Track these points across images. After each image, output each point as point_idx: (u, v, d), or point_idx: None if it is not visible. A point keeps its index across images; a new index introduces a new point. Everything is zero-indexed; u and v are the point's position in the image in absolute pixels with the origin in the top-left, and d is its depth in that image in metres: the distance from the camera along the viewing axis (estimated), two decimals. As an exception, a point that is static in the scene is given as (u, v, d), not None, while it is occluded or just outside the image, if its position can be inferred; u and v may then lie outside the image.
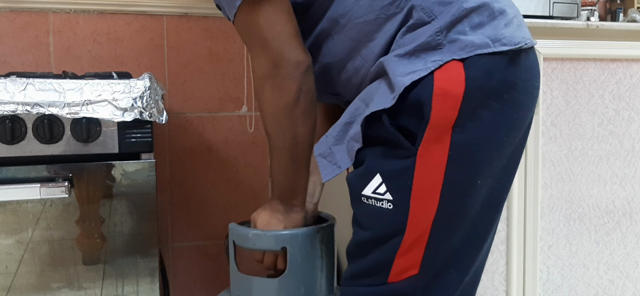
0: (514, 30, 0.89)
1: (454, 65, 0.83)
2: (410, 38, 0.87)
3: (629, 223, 1.70)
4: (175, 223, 1.89)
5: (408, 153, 0.85)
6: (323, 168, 0.95)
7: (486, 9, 0.88)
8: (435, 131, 0.83)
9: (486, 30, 0.86)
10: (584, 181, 1.65)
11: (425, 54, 0.84)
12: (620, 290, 1.71)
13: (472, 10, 0.86)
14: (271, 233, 1.08)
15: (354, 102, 0.94)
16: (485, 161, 0.87)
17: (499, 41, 0.85)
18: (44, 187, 1.17)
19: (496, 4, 0.90)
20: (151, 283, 1.28)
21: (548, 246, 1.64)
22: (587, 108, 1.63)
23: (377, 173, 0.88)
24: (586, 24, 1.58)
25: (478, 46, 0.84)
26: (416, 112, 0.84)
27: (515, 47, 0.87)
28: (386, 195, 0.87)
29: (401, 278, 0.89)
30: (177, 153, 1.87)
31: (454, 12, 0.85)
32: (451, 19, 0.85)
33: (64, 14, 1.74)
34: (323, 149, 0.96)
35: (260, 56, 0.93)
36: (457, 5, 0.85)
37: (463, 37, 0.84)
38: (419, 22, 0.86)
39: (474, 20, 0.86)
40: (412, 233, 0.87)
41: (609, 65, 1.64)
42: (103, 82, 1.18)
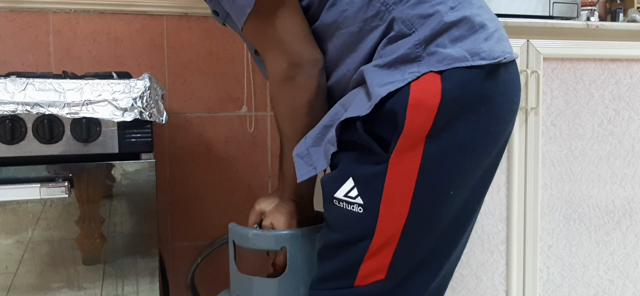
0: (494, 44, 0.90)
1: (431, 77, 0.84)
2: (391, 49, 0.88)
3: (628, 223, 1.70)
4: (175, 223, 1.89)
5: (380, 160, 0.87)
6: (299, 169, 0.96)
7: (466, 23, 0.89)
8: (408, 140, 0.85)
9: (465, 43, 0.87)
10: (584, 181, 1.65)
11: (403, 66, 0.86)
12: (620, 289, 1.71)
13: (452, 24, 0.87)
14: (271, 233, 1.09)
15: (334, 107, 0.96)
16: (459, 172, 0.89)
17: (477, 55, 0.86)
18: (44, 187, 1.17)
19: (477, 18, 0.90)
20: (151, 283, 1.28)
21: (548, 246, 1.64)
22: (587, 108, 1.63)
23: (350, 178, 0.89)
24: (586, 24, 1.59)
25: (456, 59, 0.85)
26: (390, 121, 0.85)
27: (494, 61, 0.88)
28: (357, 199, 0.89)
29: (367, 281, 0.90)
30: (177, 153, 1.87)
31: (434, 26, 0.87)
32: (431, 32, 0.86)
33: (64, 14, 1.74)
34: (301, 150, 0.97)
35: (278, 57, 0.93)
36: (438, 18, 0.87)
37: (442, 50, 0.85)
38: (399, 34, 0.88)
39: (454, 34, 0.87)
40: (380, 237, 0.88)
41: (609, 65, 1.64)
42: (103, 82, 1.18)
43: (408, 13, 0.88)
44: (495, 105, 0.90)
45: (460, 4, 0.90)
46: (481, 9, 0.94)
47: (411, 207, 0.86)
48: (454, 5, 0.89)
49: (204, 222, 1.91)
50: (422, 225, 0.89)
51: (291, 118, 0.97)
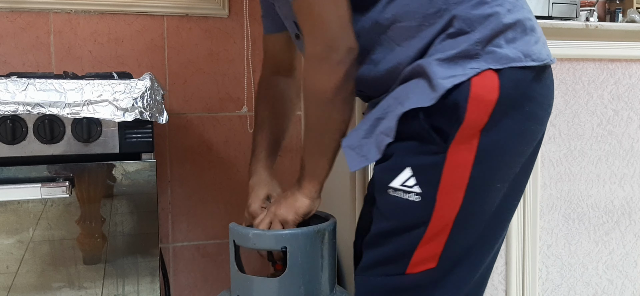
0: (541, 47, 0.96)
1: (490, 74, 0.89)
2: (450, 45, 0.92)
3: (627, 222, 1.70)
4: (176, 222, 1.89)
5: (439, 150, 0.90)
6: (351, 159, 0.99)
7: (520, 25, 0.94)
8: (466, 132, 0.89)
9: (518, 45, 0.93)
10: (583, 181, 1.65)
11: (464, 61, 0.90)
12: (619, 289, 1.72)
13: (508, 26, 0.92)
14: (271, 232, 1.09)
15: (386, 99, 0.99)
16: (505, 166, 0.94)
17: (529, 57, 0.92)
18: (44, 187, 1.18)
19: (528, 22, 0.96)
20: (152, 283, 1.29)
21: (547, 246, 1.64)
22: (586, 108, 1.63)
23: (408, 167, 0.93)
24: (585, 24, 1.59)
25: (512, 59, 0.91)
26: (451, 113, 0.89)
27: (541, 64, 0.94)
28: (414, 188, 0.92)
29: (419, 269, 0.94)
30: (177, 153, 1.88)
31: (493, 27, 0.92)
32: (490, 33, 0.91)
33: (65, 15, 1.75)
34: (352, 141, 1.00)
35: (317, 37, 0.95)
36: (496, 19, 0.92)
37: (498, 49, 0.91)
38: (459, 31, 0.92)
39: (509, 36, 0.92)
40: (435, 225, 0.92)
41: (608, 66, 1.64)
42: (104, 82, 1.19)
43: (469, 12, 0.92)
44: (536, 105, 0.95)
45: (515, 7, 0.95)
46: (531, 13, 0.99)
47: (465, 197, 0.90)
48: (510, 8, 0.94)
49: (204, 222, 1.92)
50: (472, 216, 0.93)
51: (315, 99, 0.99)
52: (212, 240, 1.93)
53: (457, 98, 0.89)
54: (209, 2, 1.83)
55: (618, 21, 2.13)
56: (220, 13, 1.85)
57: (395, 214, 0.95)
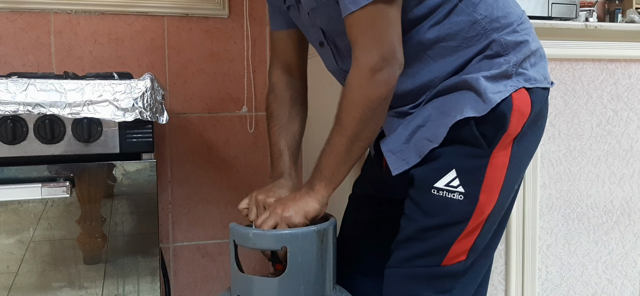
0: (548, 72, 1.12)
1: (524, 91, 1.04)
2: (489, 64, 1.05)
3: (627, 222, 1.71)
4: (176, 222, 1.90)
5: (484, 154, 1.03)
6: (392, 163, 1.09)
7: (538, 52, 1.10)
8: (506, 139, 1.02)
9: (538, 68, 1.08)
10: (583, 181, 1.65)
11: (504, 80, 1.04)
12: (619, 289, 1.72)
13: (533, 53, 1.08)
14: (271, 232, 1.09)
15: (425, 109, 1.09)
16: (523, 171, 1.11)
17: (546, 79, 1.09)
18: (45, 187, 1.18)
19: (541, 50, 1.12)
20: (152, 283, 1.29)
21: (547, 246, 1.64)
22: (586, 109, 1.63)
23: (453, 169, 1.04)
24: (585, 24, 1.59)
25: (538, 80, 1.06)
26: (498, 122, 1.02)
27: (551, 86, 1.11)
28: (459, 188, 1.03)
29: (453, 261, 1.05)
30: (177, 153, 1.88)
31: (525, 51, 1.06)
32: (522, 57, 1.05)
33: (65, 15, 1.75)
34: (393, 146, 1.10)
35: (373, 48, 1.00)
36: (526, 46, 1.07)
37: (526, 71, 1.05)
38: (496, 53, 1.05)
39: (532, 60, 1.07)
40: (474, 221, 1.03)
41: (608, 66, 1.64)
42: (104, 83, 1.19)
43: (505, 38, 1.05)
44: (544, 120, 1.12)
45: (534, 37, 1.11)
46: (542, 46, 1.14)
47: (499, 196, 1.03)
48: (533, 38, 1.10)
49: (204, 222, 1.92)
50: (498, 214, 1.06)
51: (361, 110, 1.03)
52: (212, 240, 1.93)
53: (504, 110, 1.02)
54: (209, 2, 1.83)
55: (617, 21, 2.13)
56: (221, 13, 1.85)
57: (438, 212, 1.05)
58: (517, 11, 1.10)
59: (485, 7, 1.05)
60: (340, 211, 1.30)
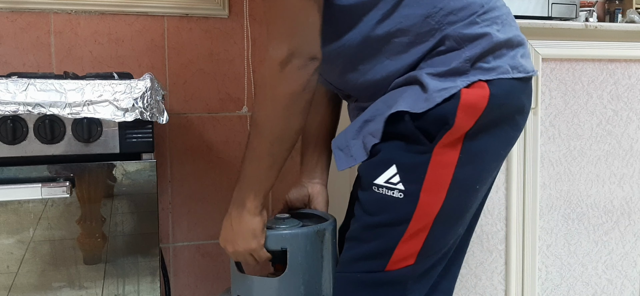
0: (526, 61, 1.02)
1: (480, 84, 0.95)
2: (440, 61, 0.96)
3: (627, 222, 1.71)
4: (176, 222, 1.90)
5: (425, 150, 0.94)
6: (338, 159, 1.03)
7: (508, 43, 0.99)
8: (452, 136, 0.94)
9: (506, 59, 0.98)
10: (583, 181, 1.65)
11: (454, 77, 0.95)
12: (619, 289, 1.72)
13: (498, 45, 0.97)
14: (271, 233, 1.09)
15: (375, 104, 1.02)
16: (486, 170, 1.00)
17: (516, 69, 0.98)
18: (45, 187, 1.18)
19: (516, 38, 1.01)
20: (152, 283, 1.29)
21: (547, 246, 1.64)
22: (586, 109, 1.63)
23: (393, 165, 0.96)
24: (585, 24, 1.59)
25: (501, 71, 0.96)
26: (440, 118, 0.94)
27: (527, 75, 1.00)
28: (398, 185, 0.95)
29: (399, 266, 0.96)
30: (177, 153, 1.88)
31: (484, 45, 0.96)
32: (481, 51, 0.96)
33: (65, 15, 1.75)
34: (341, 142, 1.04)
35: (281, 40, 0.94)
36: (488, 39, 0.96)
37: (486, 65, 0.96)
38: (449, 49, 0.96)
39: (498, 52, 0.97)
40: (416, 223, 0.95)
41: (608, 66, 1.64)
42: (104, 83, 1.19)
43: (460, 32, 0.96)
44: (523, 115, 1.02)
45: (505, 26, 1.00)
46: (518, 30, 1.04)
47: (446, 196, 0.94)
48: (499, 28, 0.98)
49: (204, 222, 1.92)
50: (452, 215, 0.97)
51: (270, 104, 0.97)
52: (212, 240, 1.93)
53: (447, 107, 0.93)
54: (209, 2, 1.83)
55: (617, 21, 2.13)
56: (221, 13, 1.85)
57: (378, 210, 0.98)
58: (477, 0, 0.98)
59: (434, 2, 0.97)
60: (341, 211, 1.30)
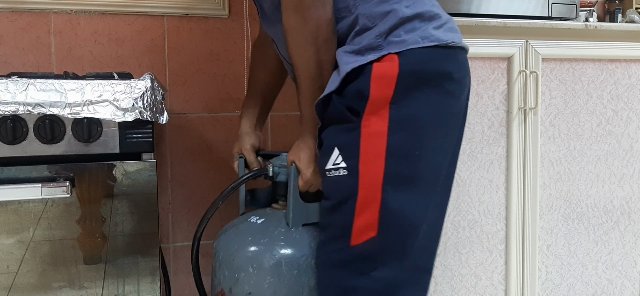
0: (443, 32, 1.08)
1: (390, 57, 1.03)
2: (358, 40, 1.06)
3: (627, 222, 1.71)
4: (176, 222, 1.90)
5: (354, 126, 1.03)
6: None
7: (418, 17, 1.07)
8: (375, 105, 1.01)
9: (417, 32, 1.05)
10: (583, 181, 1.65)
11: (367, 53, 1.04)
12: (619, 289, 1.72)
13: (407, 19, 1.05)
14: None
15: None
16: (424, 136, 1.04)
17: (427, 38, 1.05)
18: (45, 187, 1.18)
19: (429, 14, 1.08)
20: (152, 283, 1.29)
21: (547, 246, 1.64)
22: (586, 109, 1.63)
23: (335, 147, 1.05)
24: (585, 24, 1.59)
25: (410, 43, 1.04)
26: (359, 93, 1.03)
27: (443, 43, 1.05)
28: (342, 164, 1.04)
29: (362, 239, 1.02)
30: (177, 153, 1.88)
31: (392, 21, 1.04)
32: (389, 26, 1.04)
33: (65, 15, 1.75)
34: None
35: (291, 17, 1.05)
36: (395, 15, 1.05)
37: (397, 39, 1.04)
38: (364, 27, 1.06)
39: (408, 27, 1.05)
40: (363, 193, 1.01)
41: (608, 66, 1.64)
42: (104, 83, 1.19)
43: (371, 10, 1.05)
44: (451, 81, 1.07)
45: (415, 3, 1.07)
46: (434, 6, 1.11)
47: (386, 164, 1.01)
48: (409, 4, 1.06)
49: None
50: (399, 182, 1.02)
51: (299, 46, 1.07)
52: (212, 240, 1.93)
53: (361, 79, 1.02)
54: (209, 2, 1.83)
55: (617, 21, 2.13)
56: (221, 13, 1.85)
57: (332, 192, 1.07)
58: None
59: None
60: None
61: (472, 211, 1.58)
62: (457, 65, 1.08)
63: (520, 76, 1.56)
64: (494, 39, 1.54)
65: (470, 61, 1.55)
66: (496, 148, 1.57)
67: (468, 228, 1.58)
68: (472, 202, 1.58)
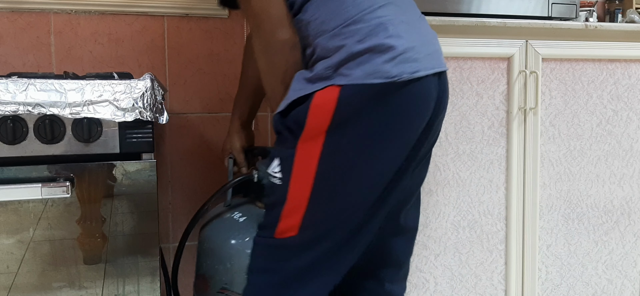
0: (395, 65, 1.11)
1: (332, 88, 1.10)
2: (315, 68, 1.14)
3: (627, 222, 1.71)
4: (176, 222, 1.90)
5: (292, 145, 1.14)
6: None
7: (370, 50, 1.11)
8: (311, 133, 1.11)
9: (366, 67, 1.10)
10: (583, 181, 1.65)
11: (317, 81, 1.12)
12: (619, 289, 1.72)
13: (358, 54, 1.10)
14: None
15: None
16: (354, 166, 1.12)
17: (373, 74, 1.09)
18: (45, 187, 1.18)
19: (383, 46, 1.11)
20: (152, 283, 1.29)
21: (547, 246, 1.64)
22: (586, 109, 1.63)
23: (276, 158, 1.18)
24: (585, 24, 1.59)
25: (355, 78, 1.09)
26: (298, 117, 1.13)
27: (388, 80, 1.09)
28: (278, 173, 1.17)
29: (284, 236, 1.17)
30: (177, 153, 1.88)
31: (342, 55, 1.11)
32: (339, 60, 1.10)
33: (65, 15, 1.75)
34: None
35: (256, 34, 1.17)
36: (345, 50, 1.11)
37: (347, 71, 1.10)
38: (319, 57, 1.14)
39: (358, 61, 1.10)
40: (290, 203, 1.15)
41: (608, 66, 1.64)
42: (104, 83, 1.19)
43: (326, 43, 1.13)
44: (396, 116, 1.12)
45: (368, 37, 1.11)
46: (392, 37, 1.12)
47: (314, 183, 1.12)
48: (361, 39, 1.11)
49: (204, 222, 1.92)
50: (325, 198, 1.14)
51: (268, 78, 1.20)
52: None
53: (302, 108, 1.12)
54: (209, 2, 1.83)
55: (617, 21, 2.13)
56: (221, 13, 1.86)
57: (269, 192, 1.21)
58: (345, 14, 1.14)
59: (312, 11, 1.16)
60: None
61: (472, 211, 1.58)
62: (402, 98, 1.12)
63: (520, 76, 1.56)
64: (494, 39, 1.54)
65: (471, 61, 1.55)
66: (496, 148, 1.57)
67: (468, 228, 1.58)
68: (472, 202, 1.58)
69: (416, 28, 1.19)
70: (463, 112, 1.55)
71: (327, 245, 1.17)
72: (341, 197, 1.14)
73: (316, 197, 1.13)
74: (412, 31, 1.16)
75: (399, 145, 1.15)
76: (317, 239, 1.16)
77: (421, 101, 1.15)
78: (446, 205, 1.56)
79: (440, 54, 1.21)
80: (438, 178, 1.55)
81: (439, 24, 1.49)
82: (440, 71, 1.18)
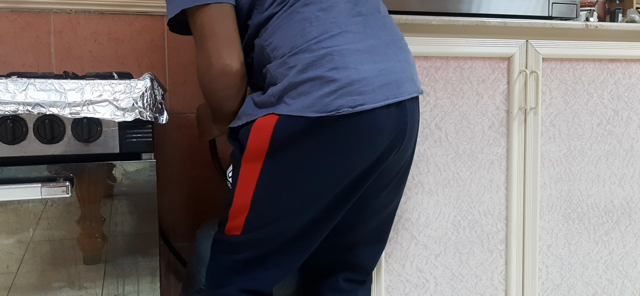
0: (335, 99, 1.13)
1: (271, 117, 1.15)
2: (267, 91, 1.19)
3: (627, 222, 1.71)
4: (176, 222, 1.90)
5: (239, 159, 1.22)
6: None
7: (310, 81, 1.14)
8: (252, 153, 1.18)
9: (304, 99, 1.13)
10: (583, 181, 1.65)
11: (263, 106, 1.18)
12: (619, 289, 1.72)
13: (298, 84, 1.14)
14: None
15: None
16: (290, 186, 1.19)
17: (310, 107, 1.13)
18: (45, 187, 1.18)
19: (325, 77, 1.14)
20: (152, 283, 1.29)
21: (547, 246, 1.64)
22: (586, 108, 1.63)
23: (232, 164, 1.28)
24: (585, 24, 1.59)
25: (293, 109, 1.14)
26: (241, 142, 1.21)
27: (324, 115, 1.12)
28: (230, 178, 1.29)
29: (231, 233, 1.25)
30: (177, 153, 1.88)
31: (284, 84, 1.15)
32: (282, 88, 1.15)
33: (65, 15, 1.75)
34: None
35: (198, 52, 1.20)
36: (288, 79, 1.15)
37: (289, 100, 1.14)
38: (270, 83, 1.19)
39: (300, 90, 1.14)
40: (235, 207, 1.23)
41: (608, 66, 1.64)
42: (104, 82, 1.19)
43: (274, 70, 1.18)
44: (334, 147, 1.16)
45: (311, 66, 1.14)
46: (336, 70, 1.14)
47: (254, 194, 1.20)
48: (303, 68, 1.14)
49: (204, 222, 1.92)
50: (263, 211, 1.22)
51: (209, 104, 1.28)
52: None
53: (244, 131, 1.19)
54: (209, 2, 1.83)
55: (618, 21, 2.13)
56: (221, 13, 1.85)
57: (227, 192, 1.29)
58: (292, 42, 1.17)
59: (266, 37, 1.20)
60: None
61: (472, 211, 1.58)
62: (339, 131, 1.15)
63: (520, 76, 1.56)
64: (495, 39, 1.54)
65: (471, 61, 1.55)
66: (496, 148, 1.57)
67: (468, 228, 1.58)
68: (473, 202, 1.57)
69: (377, 56, 1.19)
70: (463, 111, 1.54)
71: (265, 249, 1.25)
72: (275, 213, 1.22)
73: (255, 207, 1.22)
74: (367, 61, 1.17)
75: (336, 174, 1.18)
76: (256, 241, 1.24)
77: (365, 133, 1.16)
78: (446, 205, 1.56)
79: (404, 82, 1.20)
80: (438, 178, 1.55)
81: (439, 24, 1.49)
82: (399, 101, 1.18)
